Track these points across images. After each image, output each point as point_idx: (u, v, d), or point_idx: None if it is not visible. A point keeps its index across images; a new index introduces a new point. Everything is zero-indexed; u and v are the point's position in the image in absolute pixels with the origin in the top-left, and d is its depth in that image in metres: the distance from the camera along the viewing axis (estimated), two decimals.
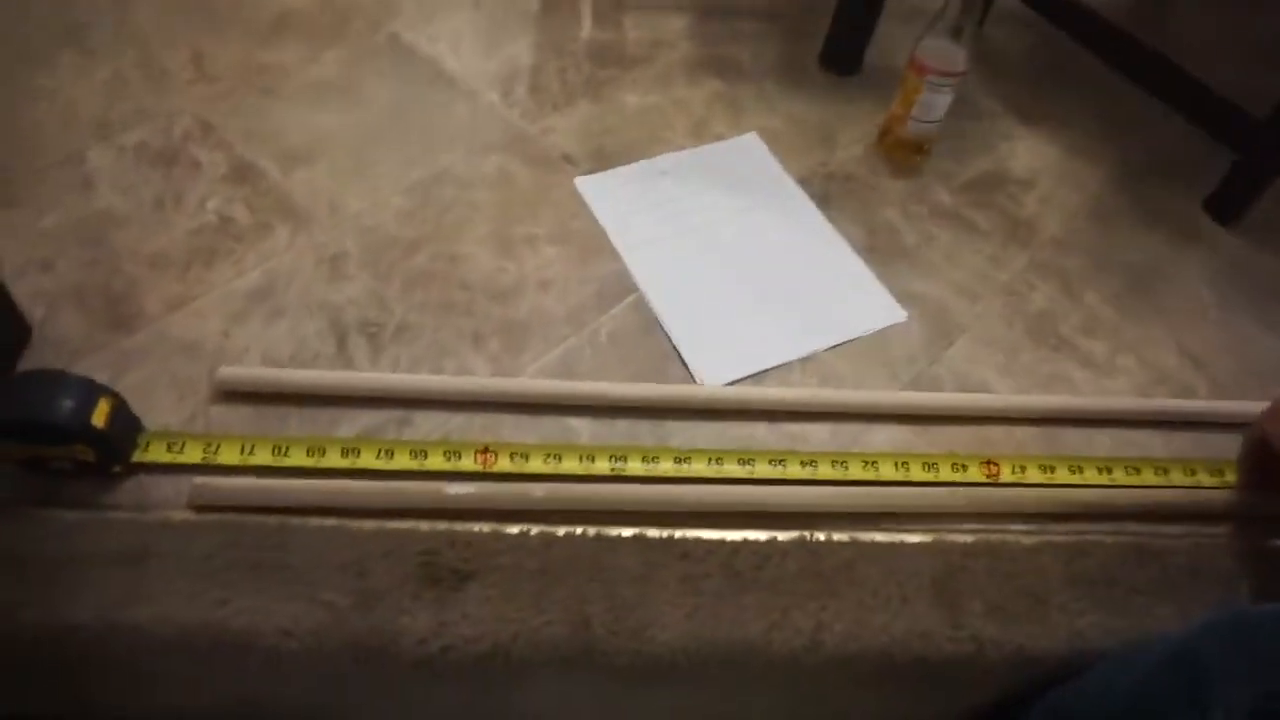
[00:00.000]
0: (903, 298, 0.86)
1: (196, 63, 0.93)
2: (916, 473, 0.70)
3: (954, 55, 0.86)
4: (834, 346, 0.80)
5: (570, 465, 0.67)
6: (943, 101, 0.89)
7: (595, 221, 0.88)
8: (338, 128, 0.89)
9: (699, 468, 0.68)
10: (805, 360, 0.79)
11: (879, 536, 0.65)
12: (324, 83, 0.93)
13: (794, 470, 0.69)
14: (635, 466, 0.67)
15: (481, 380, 0.73)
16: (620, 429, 0.71)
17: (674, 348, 0.78)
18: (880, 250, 0.89)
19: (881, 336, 0.82)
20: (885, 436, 0.75)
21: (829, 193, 0.93)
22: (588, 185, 0.91)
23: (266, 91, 0.93)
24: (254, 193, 0.83)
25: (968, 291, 0.86)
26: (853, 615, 0.62)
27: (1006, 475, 0.70)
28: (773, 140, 0.97)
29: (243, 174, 0.85)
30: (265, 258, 0.79)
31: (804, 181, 0.95)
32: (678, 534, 0.64)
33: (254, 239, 0.80)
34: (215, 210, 0.82)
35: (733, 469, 0.69)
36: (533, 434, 0.70)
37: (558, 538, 0.62)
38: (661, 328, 0.79)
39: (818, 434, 0.74)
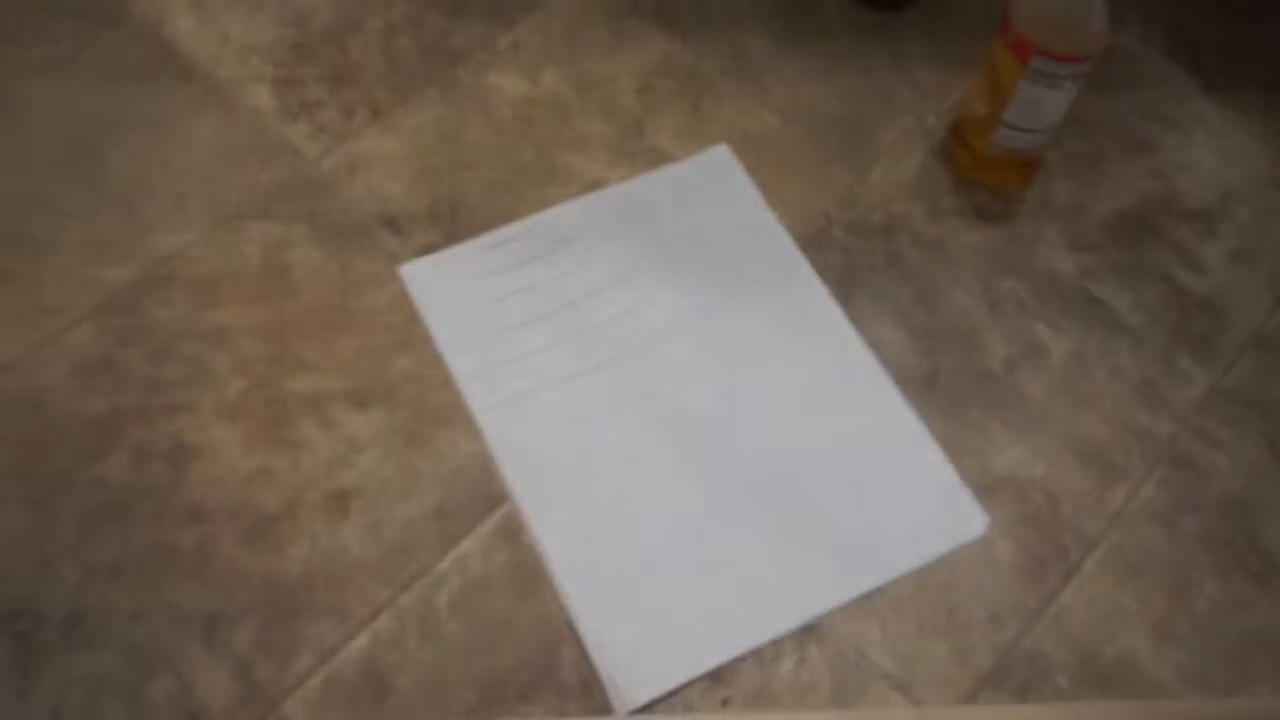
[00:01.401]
0: (983, 485, 0.69)
1: None
2: None
3: (1083, 19, 0.66)
4: (856, 601, 0.64)
5: None
6: (1059, 100, 0.71)
7: (437, 355, 0.71)
8: None
9: None
10: (806, 632, 0.63)
11: None
12: None
13: None
14: None
15: None
16: None
17: (568, 621, 0.62)
18: (945, 382, 0.72)
19: (943, 569, 0.66)
20: None
21: (853, 262, 0.76)
22: (424, 279, 0.74)
23: None
24: None
25: (1098, 460, 0.70)
26: None
27: None
28: (758, 155, 0.79)
29: None
30: None
31: (812, 241, 0.77)
32: None
33: None
34: None
35: None
36: None
37: None
38: (551, 576, 0.64)
39: None
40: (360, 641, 0.62)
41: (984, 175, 0.80)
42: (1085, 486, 0.69)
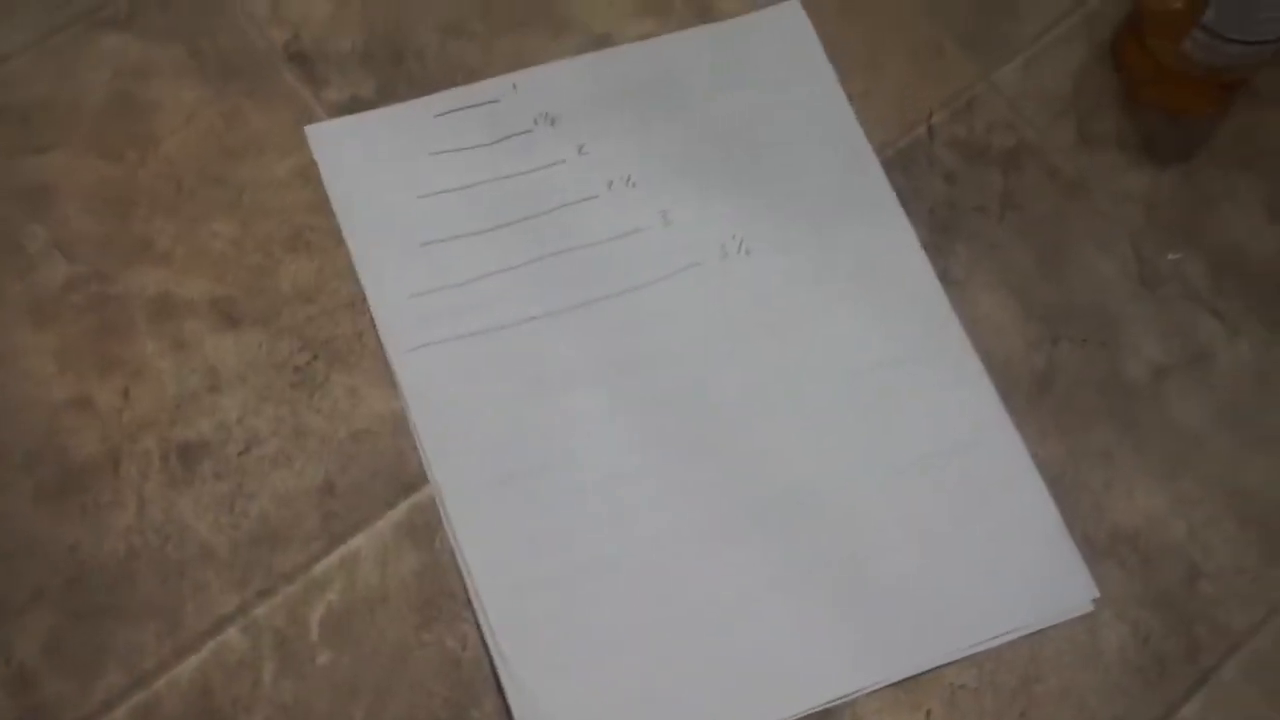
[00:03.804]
0: (1096, 542, 0.71)
1: None
2: None
3: None
4: (894, 688, 0.67)
5: None
6: None
7: (347, 263, 0.73)
8: None
9: None
10: (814, 717, 0.65)
11: None
12: None
13: None
14: None
15: None
16: None
17: (488, 666, 0.65)
18: (1063, 388, 0.75)
19: (1023, 656, 0.69)
20: None
21: (958, 197, 0.79)
22: (341, 148, 0.76)
23: None
24: None
25: (1267, 527, 0.73)
26: None
27: None
28: (842, 20, 0.83)
29: None
30: None
31: (903, 158, 0.80)
32: None
33: None
34: None
35: None
36: None
37: None
38: (472, 599, 0.66)
39: None
40: (194, 662, 0.64)
41: (1163, 94, 0.82)
42: (1242, 561, 0.71)
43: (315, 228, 0.73)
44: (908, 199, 0.78)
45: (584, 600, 0.67)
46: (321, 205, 0.74)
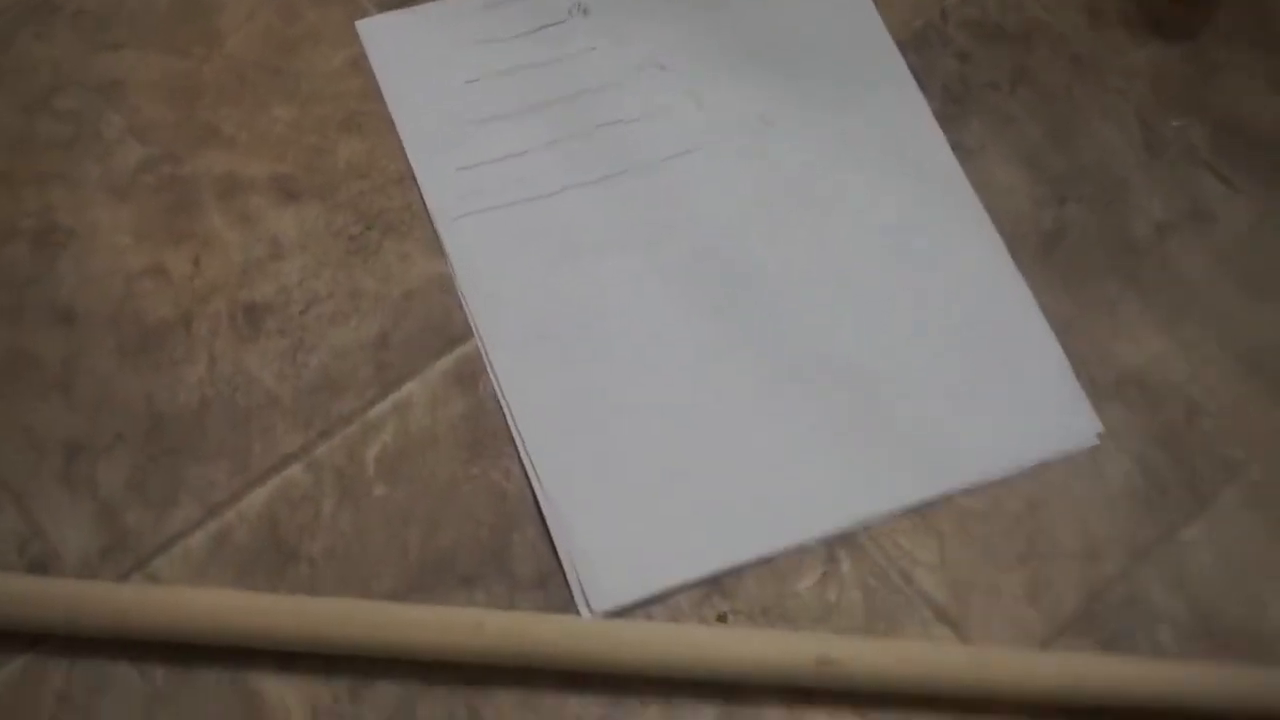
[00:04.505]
0: (1102, 383, 0.75)
1: None
2: None
3: None
4: (910, 510, 0.71)
5: None
6: None
7: (397, 143, 0.77)
8: None
9: None
10: (839, 542, 0.70)
11: None
12: None
13: None
14: None
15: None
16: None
17: (530, 497, 0.69)
18: (1071, 245, 0.78)
19: (1032, 483, 0.72)
20: None
21: (971, 75, 0.82)
22: (390, 40, 0.80)
23: None
24: None
25: (1263, 368, 0.75)
26: None
27: None
28: None
29: None
30: None
31: (918, 39, 0.83)
32: None
33: None
34: None
35: None
36: None
37: None
38: (514, 439, 0.70)
39: None
40: (261, 495, 0.68)
41: None
42: (1240, 400, 0.74)
43: (367, 112, 0.77)
44: (922, 77, 0.80)
45: (616, 439, 0.71)
46: (373, 92, 0.78)
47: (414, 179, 0.76)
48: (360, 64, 0.78)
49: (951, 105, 0.79)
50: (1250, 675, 0.67)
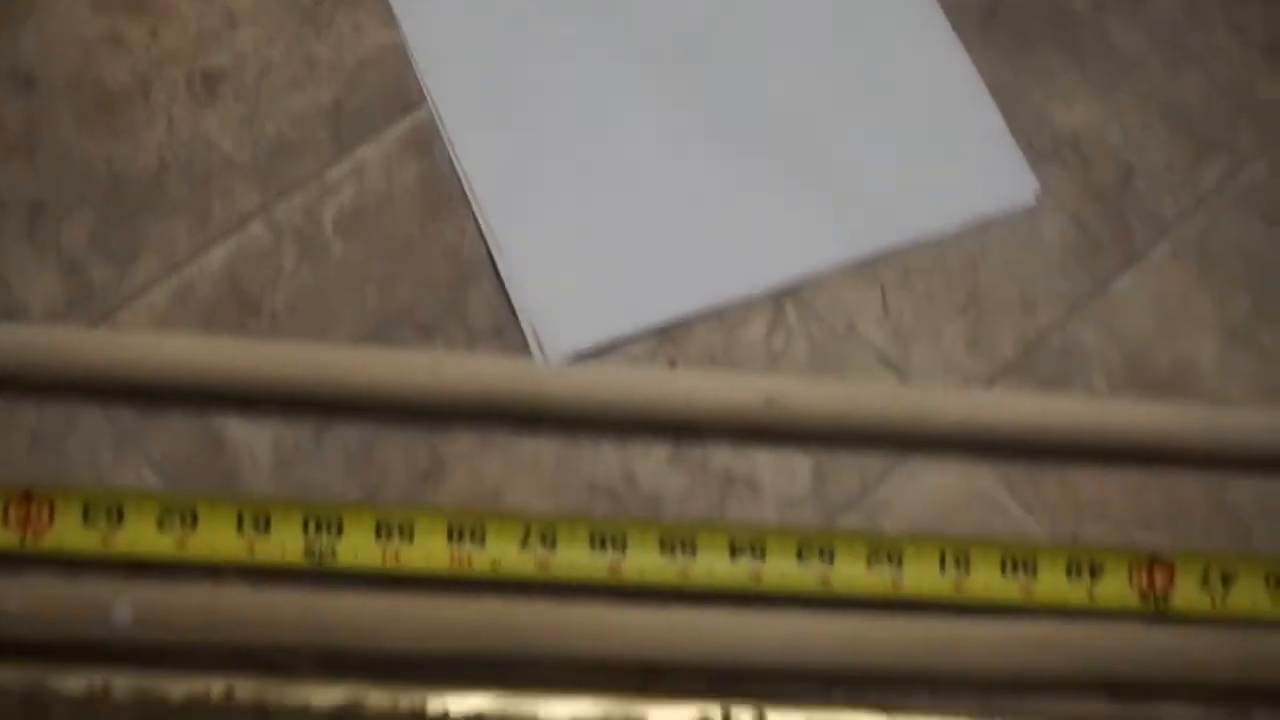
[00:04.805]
0: (1039, 146, 0.77)
1: None
2: (985, 582, 0.66)
3: None
4: (853, 265, 0.74)
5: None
6: None
7: None
8: None
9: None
10: (785, 295, 0.73)
11: None
12: None
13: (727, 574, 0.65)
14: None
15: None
16: (343, 448, 0.68)
17: (484, 254, 0.72)
18: (1008, 16, 0.80)
19: (971, 240, 0.74)
20: (938, 490, 0.69)
21: None
22: None
23: None
24: None
25: (1193, 131, 0.78)
26: None
27: (1184, 596, 0.66)
28: None
29: None
30: None
31: None
32: None
33: None
34: None
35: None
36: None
37: None
38: (468, 199, 0.72)
39: (790, 481, 0.69)
40: (221, 251, 0.70)
41: None
42: (1171, 161, 0.76)
43: None
44: None
45: (568, 197, 0.73)
46: None
47: None
48: None
49: None
50: (1185, 410, 0.71)
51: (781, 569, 0.66)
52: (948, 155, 0.75)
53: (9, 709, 0.62)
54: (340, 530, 0.65)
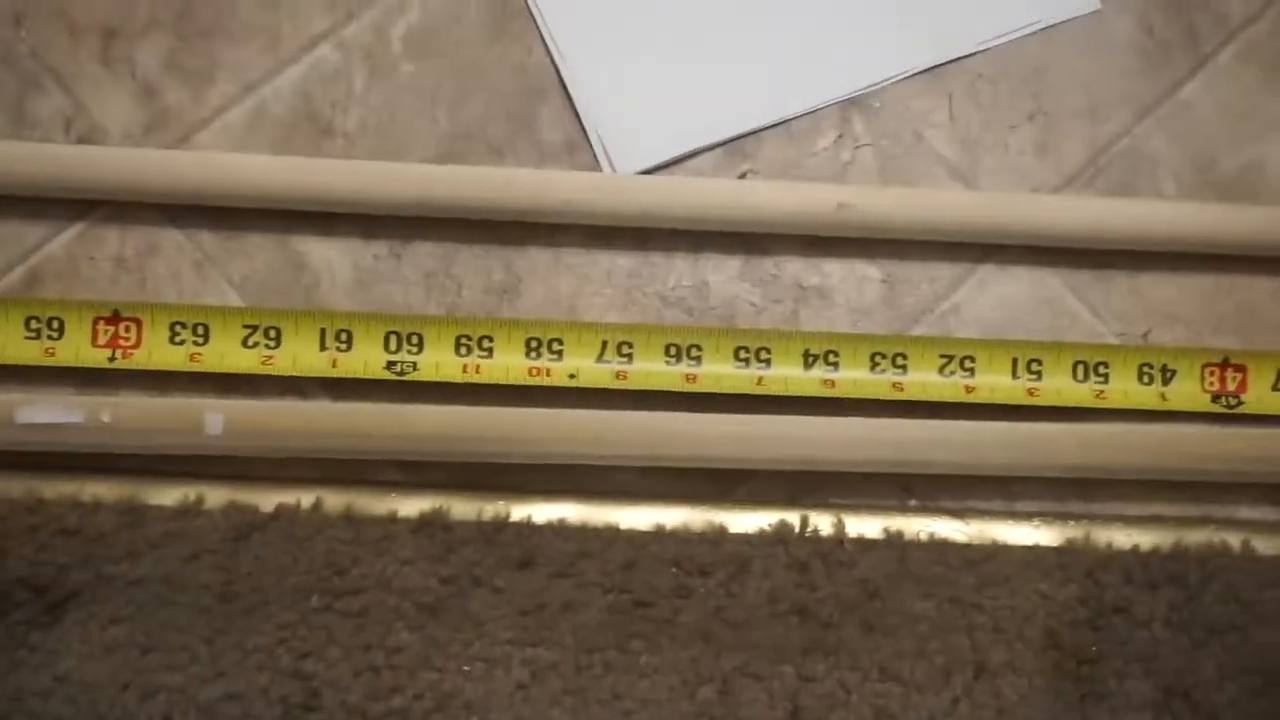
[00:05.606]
0: None
1: None
2: (1058, 386, 0.68)
3: None
4: (919, 75, 0.73)
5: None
6: None
7: None
8: None
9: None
10: (851, 106, 0.73)
11: (958, 528, 0.66)
12: None
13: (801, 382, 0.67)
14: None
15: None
16: (417, 264, 0.70)
17: (553, 74, 0.72)
18: None
19: (1036, 47, 0.74)
20: (1009, 297, 0.71)
21: None
22: None
23: None
24: None
25: None
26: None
27: (1256, 397, 0.68)
28: None
29: None
30: None
31: None
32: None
33: None
34: None
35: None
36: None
37: None
38: (535, 19, 0.73)
39: (861, 291, 0.71)
40: (293, 73, 0.71)
41: None
42: None
43: None
44: None
45: (634, 8, 0.73)
46: None
47: None
48: None
49: None
50: (1253, 212, 0.71)
51: (855, 376, 0.66)
52: None
53: (106, 521, 0.64)
54: (421, 345, 0.65)
